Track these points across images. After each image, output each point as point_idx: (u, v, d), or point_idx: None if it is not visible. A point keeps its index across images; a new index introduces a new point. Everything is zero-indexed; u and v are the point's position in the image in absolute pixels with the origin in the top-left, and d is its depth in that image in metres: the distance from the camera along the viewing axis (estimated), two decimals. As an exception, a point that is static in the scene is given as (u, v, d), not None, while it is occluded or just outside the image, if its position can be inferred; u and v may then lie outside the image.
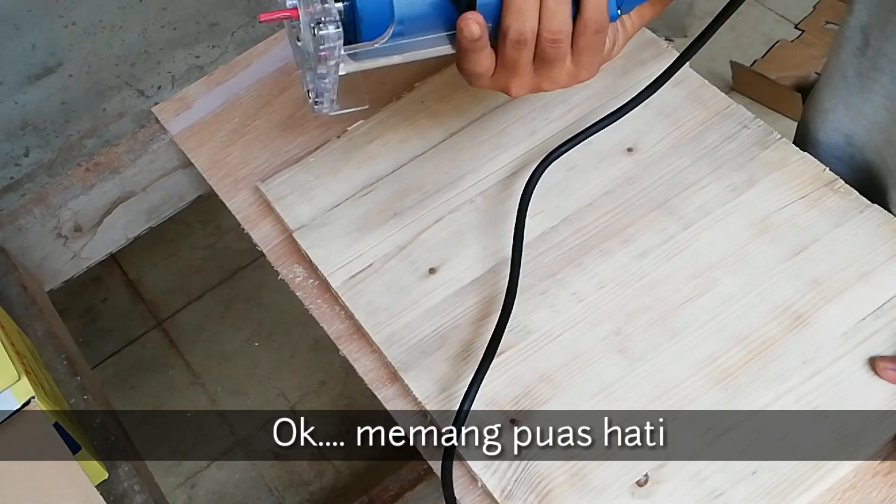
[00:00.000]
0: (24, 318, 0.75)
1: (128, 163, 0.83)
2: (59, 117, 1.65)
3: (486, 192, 0.74)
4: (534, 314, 0.67)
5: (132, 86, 1.69)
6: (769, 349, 0.64)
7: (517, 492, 0.60)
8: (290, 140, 0.81)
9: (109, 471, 0.67)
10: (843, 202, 0.70)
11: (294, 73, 0.85)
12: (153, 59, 1.70)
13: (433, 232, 0.72)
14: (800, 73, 1.77)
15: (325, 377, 1.61)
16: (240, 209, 0.77)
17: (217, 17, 1.73)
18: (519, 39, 0.54)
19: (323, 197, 0.75)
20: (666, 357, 0.64)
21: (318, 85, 0.56)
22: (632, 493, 0.60)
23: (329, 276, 0.71)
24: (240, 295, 1.74)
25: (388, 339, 0.67)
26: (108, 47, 1.66)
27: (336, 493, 1.50)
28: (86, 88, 1.66)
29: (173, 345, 1.71)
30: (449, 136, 0.77)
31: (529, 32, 0.53)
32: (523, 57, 0.55)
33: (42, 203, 0.82)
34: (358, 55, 0.55)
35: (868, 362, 0.62)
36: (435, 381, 0.65)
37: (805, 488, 0.59)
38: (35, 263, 0.83)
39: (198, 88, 0.85)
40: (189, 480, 1.56)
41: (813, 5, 1.88)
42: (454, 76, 0.81)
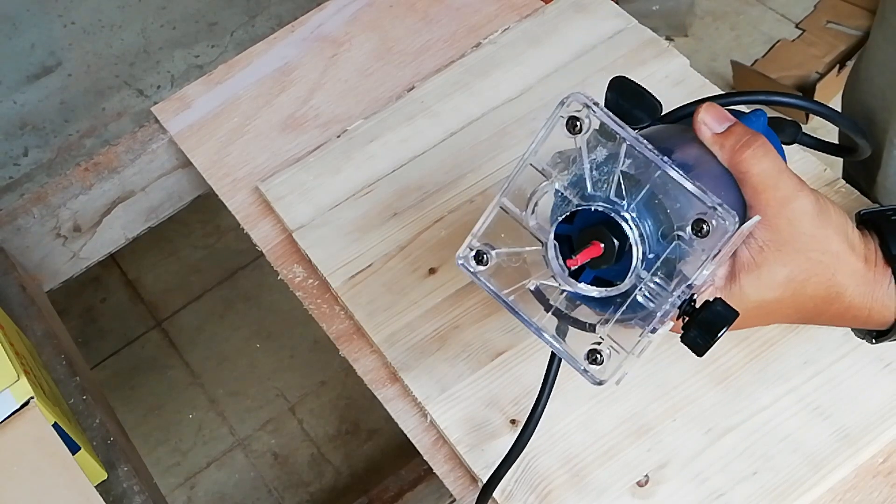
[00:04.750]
0: (24, 319, 0.75)
1: (127, 162, 0.83)
2: (58, 117, 1.65)
3: (486, 192, 0.73)
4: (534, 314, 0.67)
5: (131, 85, 1.69)
6: (770, 349, 0.64)
7: (517, 492, 0.60)
8: (290, 140, 0.80)
9: (109, 471, 0.67)
10: (844, 202, 0.70)
11: (293, 73, 0.85)
12: (152, 58, 1.70)
13: (433, 232, 0.72)
14: (801, 72, 1.77)
15: (325, 377, 1.61)
16: (239, 209, 0.77)
17: (217, 17, 1.73)
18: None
19: (323, 197, 0.75)
20: (666, 357, 0.64)
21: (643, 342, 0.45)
22: (632, 493, 0.60)
23: (329, 276, 0.70)
24: (239, 295, 1.74)
25: (388, 340, 0.67)
26: (108, 47, 1.66)
27: (336, 493, 1.50)
28: (85, 88, 1.66)
29: (173, 345, 1.71)
30: (449, 136, 0.77)
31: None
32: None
33: (41, 203, 0.82)
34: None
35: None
36: (435, 381, 0.65)
37: (806, 489, 0.59)
38: (34, 263, 0.83)
39: (197, 88, 0.85)
40: (189, 481, 1.56)
41: (814, 5, 1.88)
42: (454, 76, 0.81)
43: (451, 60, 0.83)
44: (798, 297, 0.49)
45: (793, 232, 0.47)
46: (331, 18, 0.88)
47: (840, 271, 0.49)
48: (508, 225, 0.47)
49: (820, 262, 0.48)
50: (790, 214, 0.47)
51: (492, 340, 0.66)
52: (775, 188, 0.47)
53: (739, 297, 0.48)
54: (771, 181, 0.47)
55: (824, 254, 0.48)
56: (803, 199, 0.47)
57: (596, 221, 0.44)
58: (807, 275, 0.48)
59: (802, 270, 0.48)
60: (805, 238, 0.48)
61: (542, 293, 0.46)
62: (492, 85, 0.80)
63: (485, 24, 0.85)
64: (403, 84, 0.82)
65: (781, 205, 0.47)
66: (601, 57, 0.80)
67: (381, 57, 0.85)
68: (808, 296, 0.49)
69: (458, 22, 0.86)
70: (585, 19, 0.83)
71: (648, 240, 0.44)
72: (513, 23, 0.84)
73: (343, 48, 0.86)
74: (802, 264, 0.48)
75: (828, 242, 0.48)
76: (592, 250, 0.43)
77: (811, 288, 0.49)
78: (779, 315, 0.50)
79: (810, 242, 0.48)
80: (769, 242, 0.47)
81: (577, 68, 0.80)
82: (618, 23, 0.82)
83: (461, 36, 0.85)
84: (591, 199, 0.44)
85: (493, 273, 0.47)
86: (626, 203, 0.43)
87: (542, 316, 0.46)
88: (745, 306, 0.48)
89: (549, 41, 0.82)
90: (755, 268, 0.48)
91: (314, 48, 0.86)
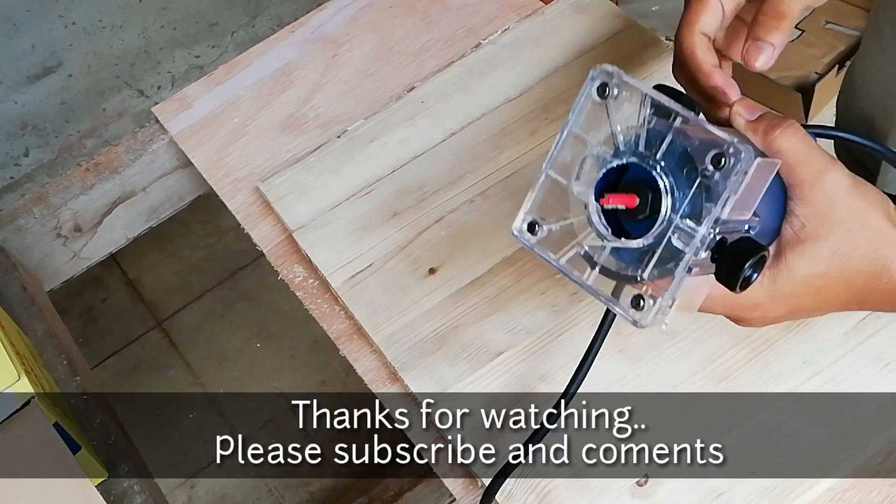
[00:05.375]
0: (24, 319, 0.75)
1: (127, 163, 0.83)
2: (58, 117, 1.65)
3: (486, 192, 0.74)
4: (534, 314, 0.67)
5: (132, 86, 1.69)
6: (770, 349, 0.64)
7: (517, 492, 0.60)
8: (290, 140, 0.80)
9: (109, 471, 0.67)
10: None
11: (293, 73, 0.85)
12: (153, 58, 1.70)
13: (433, 232, 0.72)
14: (800, 73, 1.77)
15: (325, 377, 1.61)
16: (240, 209, 0.77)
17: (217, 17, 1.73)
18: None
19: (323, 197, 0.75)
20: (666, 357, 0.64)
21: (672, 291, 0.46)
22: (632, 493, 0.60)
23: (329, 276, 0.70)
24: (239, 295, 1.74)
25: (388, 339, 0.67)
26: (108, 47, 1.66)
27: (336, 493, 1.50)
28: (85, 88, 1.66)
29: (173, 345, 1.71)
30: (449, 136, 0.77)
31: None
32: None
33: (42, 203, 0.82)
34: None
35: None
36: (435, 381, 0.65)
37: (805, 488, 0.59)
38: (35, 263, 0.83)
39: (198, 88, 0.85)
40: (189, 481, 1.56)
41: (813, 5, 1.88)
42: (454, 76, 0.81)
43: (451, 61, 0.83)
44: (845, 272, 0.49)
45: (830, 204, 0.48)
46: (331, 19, 0.88)
47: (883, 244, 0.49)
48: (553, 196, 0.50)
49: (861, 234, 0.49)
50: (826, 188, 0.48)
51: (492, 340, 0.66)
52: (808, 162, 0.48)
53: (787, 274, 0.49)
54: (802, 155, 0.48)
55: (864, 227, 0.49)
56: (837, 172, 0.48)
57: (633, 178, 0.47)
58: (850, 247, 0.49)
59: (845, 242, 0.49)
60: (843, 210, 0.48)
61: (589, 255, 0.49)
62: (492, 85, 0.80)
63: (485, 24, 0.85)
64: (403, 84, 0.82)
65: (816, 177, 0.48)
66: (601, 57, 0.80)
67: (382, 57, 0.85)
68: (854, 269, 0.49)
69: (458, 22, 0.86)
70: (585, 19, 0.83)
71: (676, 186, 0.46)
72: (513, 23, 0.84)
73: (343, 48, 0.86)
74: (844, 236, 0.48)
75: (866, 215, 0.49)
76: (627, 198, 0.46)
77: (856, 261, 0.49)
78: (829, 294, 0.50)
79: (849, 214, 0.48)
80: (809, 217, 0.48)
81: (576, 68, 0.80)
82: (618, 23, 0.82)
83: (461, 36, 0.85)
84: (624, 155, 0.47)
85: (540, 242, 0.50)
86: (654, 154, 0.47)
87: (590, 275, 0.49)
88: (794, 283, 0.49)
89: (549, 41, 0.82)
90: (798, 243, 0.48)
91: (314, 48, 0.86)
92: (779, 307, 0.50)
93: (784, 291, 0.49)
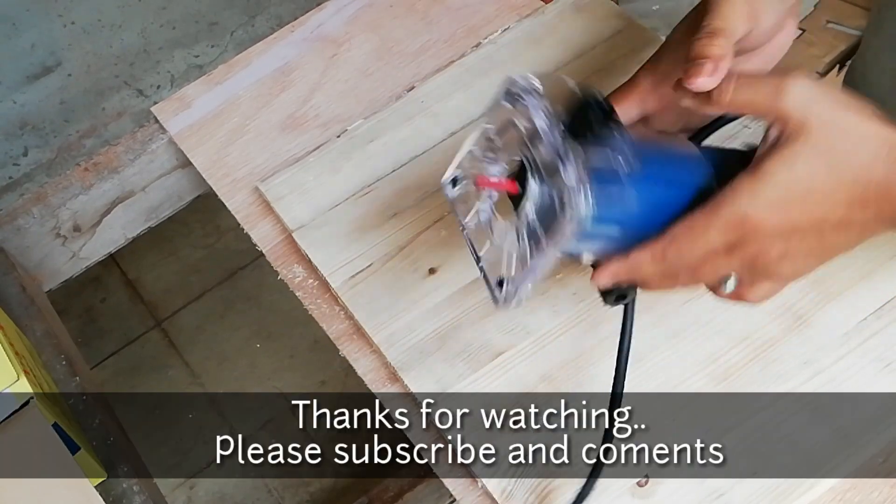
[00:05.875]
0: (23, 319, 0.75)
1: (127, 162, 0.83)
2: (58, 117, 1.65)
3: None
4: (534, 314, 0.67)
5: (131, 85, 1.69)
6: (770, 349, 0.64)
7: (517, 492, 0.60)
8: (289, 140, 0.80)
9: (108, 471, 0.67)
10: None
11: (293, 73, 0.85)
12: (152, 58, 1.70)
13: (433, 232, 0.72)
14: (800, 72, 1.77)
15: (324, 377, 1.61)
16: (239, 209, 0.77)
17: (217, 17, 1.73)
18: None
19: (323, 197, 0.75)
20: (666, 357, 0.64)
21: (527, 276, 0.51)
22: (632, 493, 0.60)
23: (329, 276, 0.70)
24: (239, 295, 1.74)
25: (388, 339, 0.67)
26: (108, 47, 1.66)
27: (336, 493, 1.50)
28: (85, 88, 1.66)
29: (172, 345, 1.71)
30: (449, 136, 0.77)
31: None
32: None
33: (41, 203, 0.82)
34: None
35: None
36: (435, 381, 0.65)
37: (806, 489, 0.59)
38: (34, 263, 0.83)
39: (197, 88, 0.85)
40: (189, 481, 1.56)
41: (814, 4, 1.87)
42: (454, 76, 0.81)
43: (450, 60, 0.83)
44: (834, 168, 0.47)
45: (796, 100, 0.47)
46: (331, 18, 0.88)
47: (862, 133, 0.48)
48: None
49: (838, 120, 0.48)
50: (787, 86, 0.48)
51: (492, 340, 0.66)
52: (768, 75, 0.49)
53: (768, 180, 0.48)
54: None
55: (843, 120, 0.48)
56: (794, 72, 0.48)
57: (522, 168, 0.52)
58: (829, 132, 0.47)
59: (823, 128, 0.47)
60: (817, 109, 0.47)
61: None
62: (492, 85, 0.79)
63: (485, 24, 0.85)
64: (403, 84, 0.82)
65: (781, 77, 0.48)
66: (601, 57, 0.80)
67: (381, 57, 0.85)
68: (844, 164, 0.47)
69: (457, 22, 0.86)
70: (585, 19, 0.83)
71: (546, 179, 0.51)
72: (513, 23, 0.84)
73: (343, 48, 0.86)
74: (819, 127, 0.47)
75: (838, 104, 0.48)
76: (507, 184, 0.53)
77: (840, 151, 0.47)
78: (820, 196, 0.48)
79: (821, 103, 0.48)
80: (778, 121, 0.48)
81: (576, 68, 0.80)
82: (618, 23, 0.82)
83: (461, 36, 0.85)
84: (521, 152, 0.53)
85: (460, 199, 0.58)
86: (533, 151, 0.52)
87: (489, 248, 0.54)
88: (777, 187, 0.47)
89: (549, 41, 0.82)
90: (774, 149, 0.48)
91: (314, 48, 0.86)
92: (770, 216, 0.48)
93: (770, 197, 0.48)
